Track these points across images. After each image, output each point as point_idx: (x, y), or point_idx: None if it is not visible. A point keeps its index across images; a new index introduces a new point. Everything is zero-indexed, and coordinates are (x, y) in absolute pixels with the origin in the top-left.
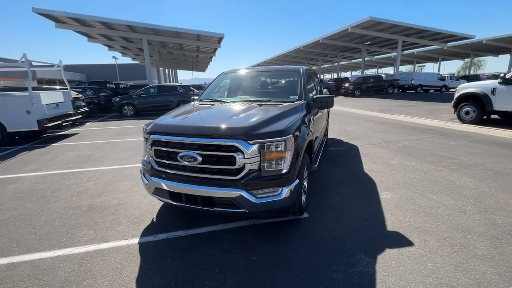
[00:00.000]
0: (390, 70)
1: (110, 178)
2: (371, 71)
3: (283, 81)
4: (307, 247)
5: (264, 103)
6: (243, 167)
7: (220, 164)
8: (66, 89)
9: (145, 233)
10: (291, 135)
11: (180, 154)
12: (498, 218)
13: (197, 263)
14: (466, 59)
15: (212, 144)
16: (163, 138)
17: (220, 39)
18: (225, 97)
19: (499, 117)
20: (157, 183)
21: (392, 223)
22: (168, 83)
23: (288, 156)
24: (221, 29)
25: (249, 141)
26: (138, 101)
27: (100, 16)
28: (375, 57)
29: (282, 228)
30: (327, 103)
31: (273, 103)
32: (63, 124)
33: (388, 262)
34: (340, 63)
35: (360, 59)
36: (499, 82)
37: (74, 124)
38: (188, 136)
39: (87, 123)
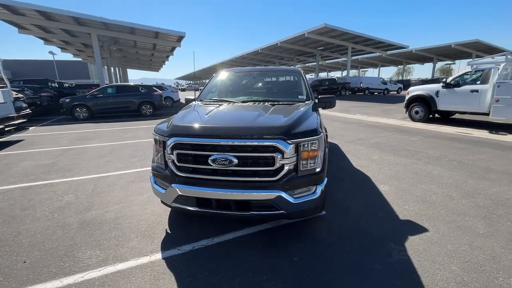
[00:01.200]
0: (337, 74)
1: (91, 189)
2: (321, 75)
3: (286, 81)
4: (341, 242)
5: (276, 103)
6: (282, 168)
7: (257, 166)
8: (6, 87)
9: (165, 246)
10: (322, 134)
11: (212, 157)
12: (480, 201)
13: (240, 271)
14: (399, 66)
15: (249, 145)
16: (190, 140)
17: (180, 38)
18: (229, 97)
19: (439, 116)
20: (180, 190)
21: (401, 213)
22: (129, 83)
23: (320, 154)
24: (178, 29)
25: (288, 141)
26: (93, 102)
27: (37, 4)
28: (326, 61)
29: (306, 226)
30: (331, 103)
31: (284, 103)
32: (5, 129)
33: (415, 248)
34: (296, 66)
35: (313, 63)
36: (442, 86)
37: (17, 129)
38: (220, 137)
39: (31, 128)
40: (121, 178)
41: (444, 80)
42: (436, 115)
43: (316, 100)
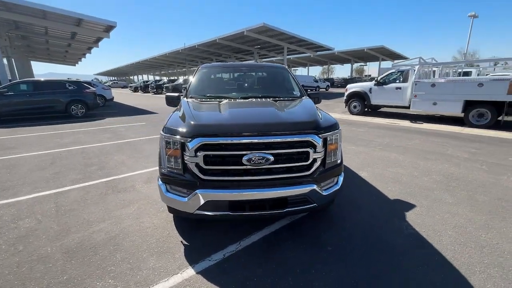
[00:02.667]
0: None
1: (53, 208)
2: None
3: (276, 77)
4: (357, 225)
5: (277, 99)
6: (314, 161)
7: (291, 162)
8: None
9: (192, 259)
10: (340, 127)
11: (247, 157)
12: (435, 177)
13: (286, 270)
14: (324, 66)
15: (286, 141)
16: (222, 140)
17: (109, 28)
18: (224, 93)
19: (370, 109)
20: (209, 196)
21: (388, 193)
22: (52, 79)
23: (340, 147)
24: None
25: (319, 135)
26: (1, 103)
27: None
28: (263, 59)
29: (322, 218)
30: (318, 99)
31: (285, 98)
32: None
33: (415, 221)
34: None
35: (251, 61)
36: (374, 84)
37: None
38: (253, 135)
39: None
40: (88, 191)
41: (376, 78)
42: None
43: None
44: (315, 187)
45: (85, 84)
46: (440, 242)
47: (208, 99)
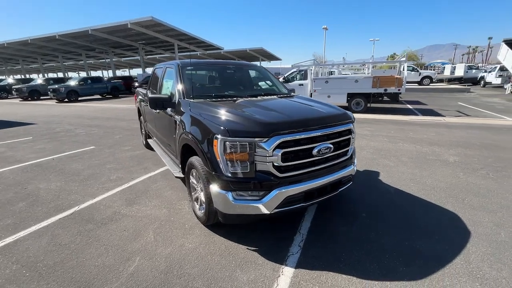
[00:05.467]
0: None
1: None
2: (123, 72)
3: (263, 76)
4: (379, 196)
5: (283, 96)
6: (350, 146)
7: (341, 148)
8: None
9: (277, 259)
10: None
11: (316, 149)
12: (370, 150)
13: (346, 235)
14: None
15: (338, 131)
16: (299, 135)
17: None
18: (227, 92)
19: None
20: (288, 192)
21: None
22: None
23: None
24: None
25: (353, 123)
26: None
27: None
28: (147, 56)
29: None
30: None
31: (286, 96)
32: None
33: (406, 185)
34: (87, 61)
35: (131, 57)
36: (282, 81)
37: None
38: (316, 129)
39: None
40: (56, 234)
41: (284, 76)
42: None
43: None
44: (354, 167)
45: None
46: (444, 206)
47: (220, 99)
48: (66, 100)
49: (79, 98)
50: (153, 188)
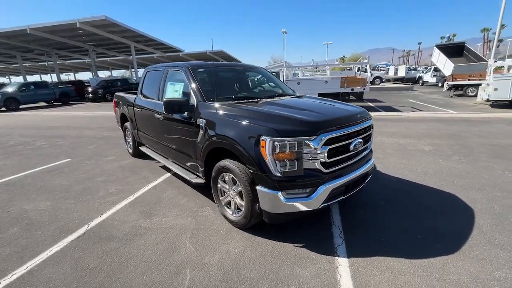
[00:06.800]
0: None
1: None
2: (67, 76)
3: (266, 77)
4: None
5: (294, 96)
6: (371, 140)
7: (366, 143)
8: None
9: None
10: None
11: (353, 144)
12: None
13: (372, 221)
14: None
15: (366, 126)
16: (341, 132)
17: None
18: (243, 94)
19: None
20: (332, 186)
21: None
22: None
23: None
24: None
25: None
26: None
27: None
28: (98, 59)
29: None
30: None
31: (294, 96)
32: None
33: (403, 174)
34: (23, 64)
35: (76, 60)
36: None
37: None
38: (351, 125)
39: None
40: (80, 256)
41: None
42: None
43: None
44: (373, 160)
45: None
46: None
47: (241, 100)
48: (3, 109)
49: (21, 107)
50: (165, 197)
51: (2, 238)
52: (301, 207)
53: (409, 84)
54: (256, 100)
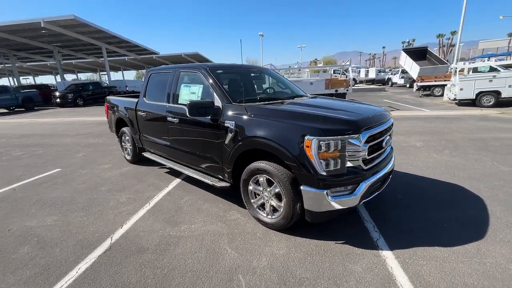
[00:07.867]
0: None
1: None
2: (25, 80)
3: (278, 79)
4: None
5: (311, 96)
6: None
7: (390, 140)
8: None
9: (369, 244)
10: None
11: (384, 141)
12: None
13: (396, 214)
14: (139, 70)
15: (390, 124)
16: (378, 129)
17: None
18: (266, 95)
19: None
20: (371, 182)
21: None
22: None
23: None
24: None
25: None
26: None
27: None
28: (64, 61)
29: None
30: None
31: (311, 96)
32: None
33: (407, 169)
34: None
35: (36, 63)
36: None
37: None
38: (381, 123)
39: None
40: (117, 272)
41: None
42: None
43: None
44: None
45: None
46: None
47: (267, 101)
48: None
49: None
50: (184, 203)
51: (15, 260)
52: (344, 204)
53: (380, 85)
54: (280, 101)
